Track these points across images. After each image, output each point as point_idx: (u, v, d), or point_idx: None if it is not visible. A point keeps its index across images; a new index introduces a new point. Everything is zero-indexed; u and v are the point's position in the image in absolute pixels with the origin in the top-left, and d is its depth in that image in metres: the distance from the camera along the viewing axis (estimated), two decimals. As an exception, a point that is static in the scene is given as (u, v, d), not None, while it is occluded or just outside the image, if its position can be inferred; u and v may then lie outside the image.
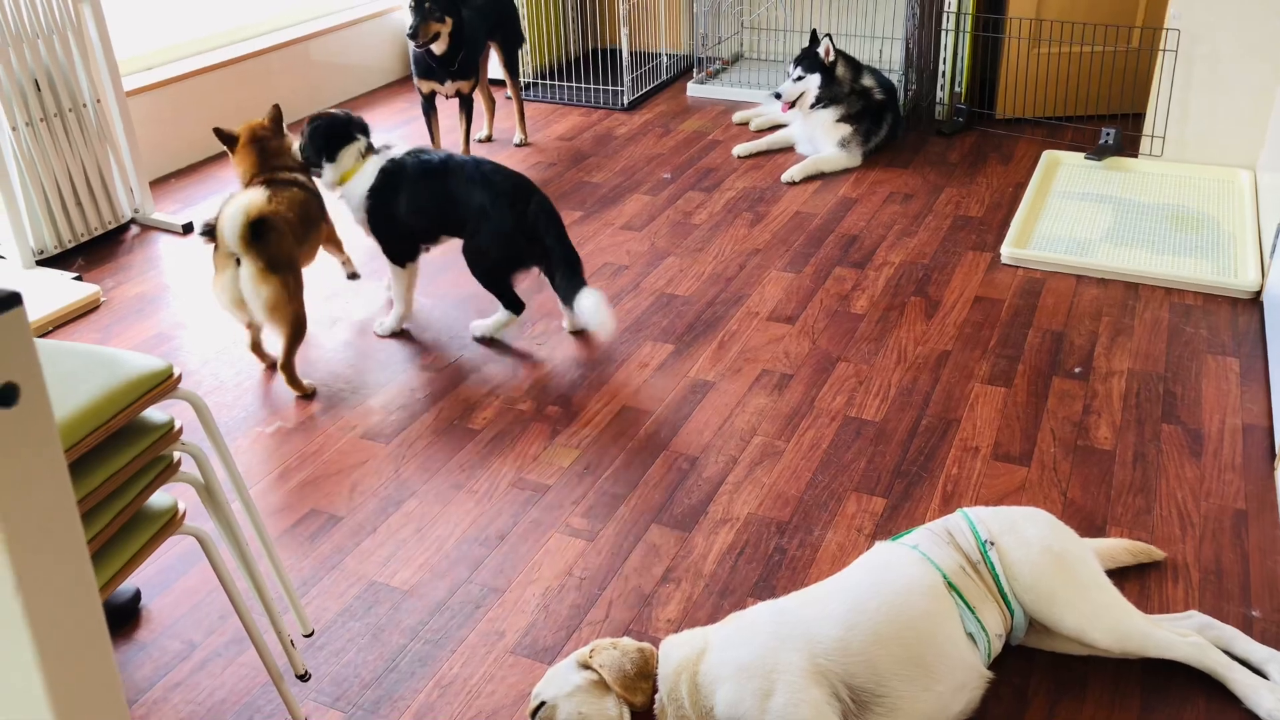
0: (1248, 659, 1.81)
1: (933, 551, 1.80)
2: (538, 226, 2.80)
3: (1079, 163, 3.89)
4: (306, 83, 4.71)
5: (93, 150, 3.46)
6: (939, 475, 2.35)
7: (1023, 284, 3.15)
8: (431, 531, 2.24)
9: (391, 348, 2.92)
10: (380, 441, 2.54)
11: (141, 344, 2.97)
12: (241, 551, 1.69)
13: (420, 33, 3.63)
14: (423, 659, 1.92)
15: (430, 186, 2.87)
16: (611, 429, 2.56)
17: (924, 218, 3.60)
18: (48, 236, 3.40)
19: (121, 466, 1.43)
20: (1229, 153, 3.73)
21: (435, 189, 2.86)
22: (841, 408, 2.60)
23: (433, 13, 3.63)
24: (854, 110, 4.03)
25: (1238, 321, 2.90)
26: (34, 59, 3.23)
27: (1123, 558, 2.04)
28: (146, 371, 1.48)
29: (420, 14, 3.61)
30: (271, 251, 2.59)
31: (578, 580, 2.09)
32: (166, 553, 2.19)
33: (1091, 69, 4.24)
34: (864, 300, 3.09)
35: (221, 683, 1.88)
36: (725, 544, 2.17)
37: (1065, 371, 2.71)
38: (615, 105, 4.75)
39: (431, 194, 2.86)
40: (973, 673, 1.70)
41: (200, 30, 4.40)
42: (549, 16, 5.12)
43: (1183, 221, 3.44)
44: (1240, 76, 3.62)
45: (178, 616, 2.03)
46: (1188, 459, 2.36)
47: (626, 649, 1.69)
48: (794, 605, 1.74)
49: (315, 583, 2.11)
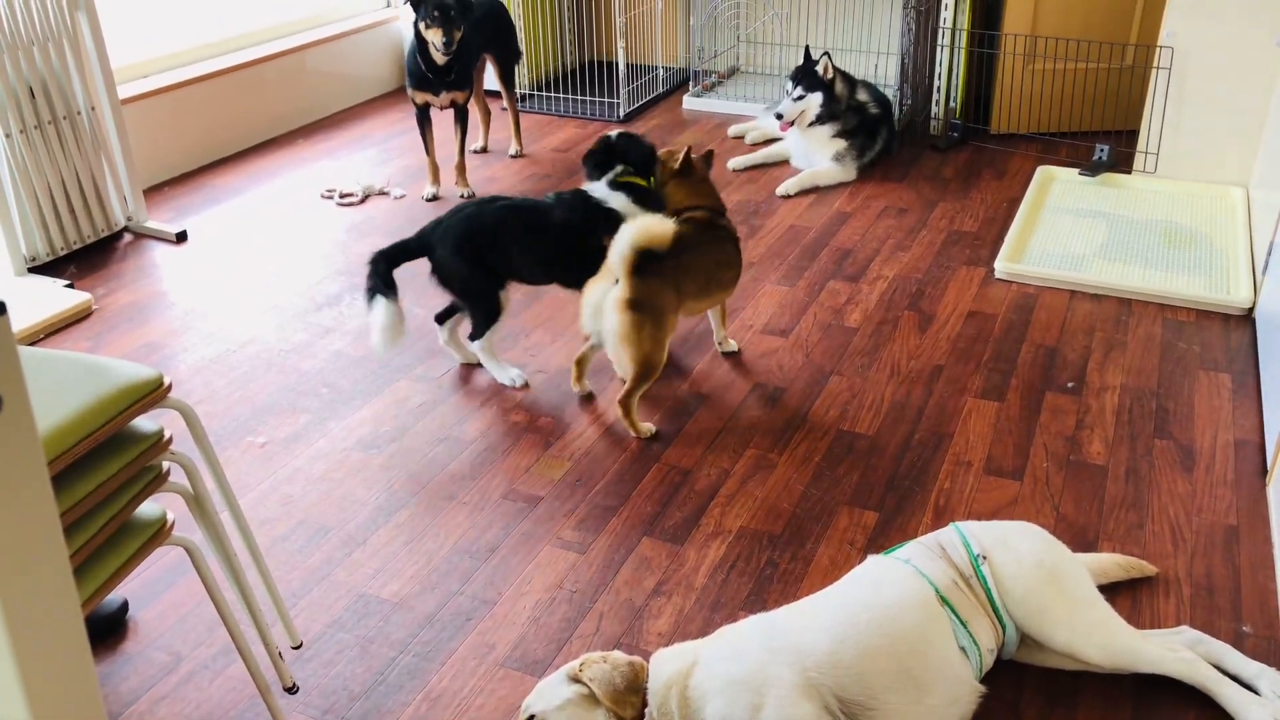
0: (1239, 674, 1.81)
1: (925, 565, 1.79)
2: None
3: (1073, 178, 3.90)
4: (301, 93, 4.71)
5: (86, 158, 3.46)
6: (931, 489, 2.34)
7: (1016, 299, 3.15)
8: (422, 543, 2.23)
9: (383, 358, 2.92)
10: (371, 452, 2.53)
11: (132, 353, 2.96)
12: (230, 562, 1.68)
13: (453, 40, 3.65)
14: (412, 671, 1.91)
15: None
16: (604, 441, 2.55)
17: (918, 232, 3.61)
18: (40, 244, 3.39)
19: (110, 476, 1.42)
20: (1222, 170, 3.75)
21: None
22: (834, 421, 2.60)
23: (457, 21, 3.64)
24: (849, 125, 4.04)
25: (1230, 338, 2.90)
26: (28, 66, 3.23)
27: (1114, 573, 2.04)
28: (136, 380, 1.47)
29: (448, 23, 3.62)
30: (644, 289, 2.45)
31: (569, 593, 2.08)
32: (154, 564, 2.18)
33: (1086, 86, 4.26)
34: (858, 314, 3.09)
35: (209, 695, 1.87)
36: (717, 557, 2.16)
37: (1058, 386, 2.71)
38: (611, 117, 4.76)
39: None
40: (964, 687, 1.70)
41: (196, 39, 4.40)
42: (546, 28, 5.13)
43: (1176, 238, 3.45)
44: (1233, 94, 3.64)
45: (165, 628, 2.02)
46: (1180, 474, 2.36)
47: (617, 663, 1.69)
48: (785, 619, 1.74)
49: (304, 594, 2.10)
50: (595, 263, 2.58)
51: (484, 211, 2.69)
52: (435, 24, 3.62)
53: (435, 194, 3.96)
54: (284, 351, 2.97)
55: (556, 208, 2.71)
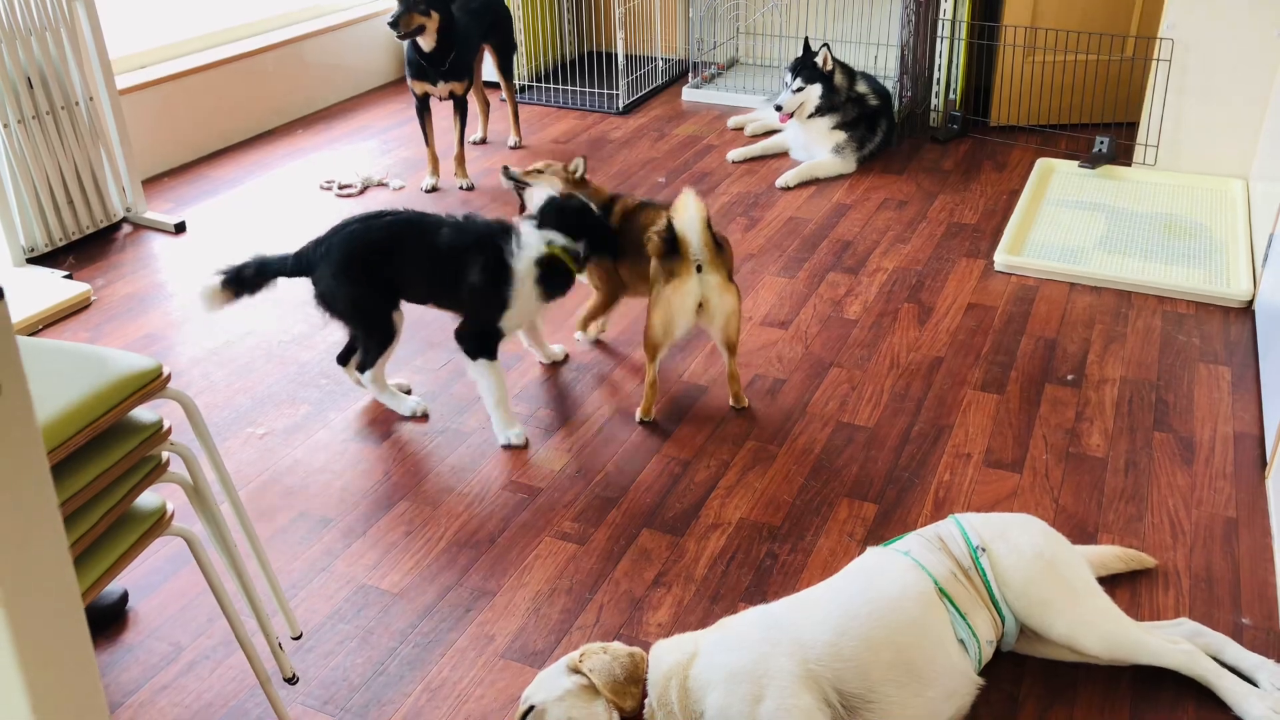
0: (1237, 666, 1.81)
1: (924, 557, 1.79)
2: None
3: (1073, 171, 3.90)
4: (300, 83, 4.70)
5: (85, 148, 3.45)
6: (931, 481, 2.35)
7: (1016, 291, 3.15)
8: (422, 534, 2.23)
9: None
10: (371, 443, 2.53)
11: (132, 343, 2.95)
12: (230, 553, 1.68)
13: (401, 23, 3.59)
14: (412, 662, 1.91)
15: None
16: (604, 432, 2.55)
17: (918, 224, 3.61)
18: (38, 234, 3.38)
19: (109, 466, 1.42)
20: (1222, 162, 3.74)
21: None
22: (834, 413, 2.60)
23: (416, 4, 3.60)
24: (849, 117, 4.03)
25: (1230, 330, 2.90)
26: (26, 56, 3.22)
27: (1114, 565, 2.04)
28: (135, 371, 1.46)
29: (403, 4, 3.58)
30: (727, 261, 2.51)
31: (568, 584, 2.08)
32: (154, 554, 2.18)
33: (1086, 77, 4.25)
34: (857, 306, 3.09)
35: (209, 685, 1.87)
36: (717, 549, 2.16)
37: (1058, 379, 2.71)
38: (610, 109, 4.75)
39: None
40: (964, 679, 1.70)
41: (194, 29, 4.39)
42: (545, 19, 5.12)
43: (1176, 230, 3.45)
44: (1234, 86, 3.63)
45: (165, 618, 2.02)
46: (1179, 467, 2.37)
47: (617, 653, 1.69)
48: (785, 610, 1.74)
49: (304, 585, 2.10)
50: (469, 294, 2.45)
51: (371, 227, 2.48)
52: (397, 2, 3.60)
53: (434, 185, 3.95)
54: (283, 343, 2.96)
55: (454, 227, 2.50)
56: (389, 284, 2.49)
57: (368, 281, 2.46)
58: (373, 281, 2.47)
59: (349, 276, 2.45)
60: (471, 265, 2.43)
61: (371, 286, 2.47)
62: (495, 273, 2.42)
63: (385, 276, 2.47)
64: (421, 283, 2.51)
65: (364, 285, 2.46)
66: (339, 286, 2.46)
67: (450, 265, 2.44)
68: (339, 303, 2.49)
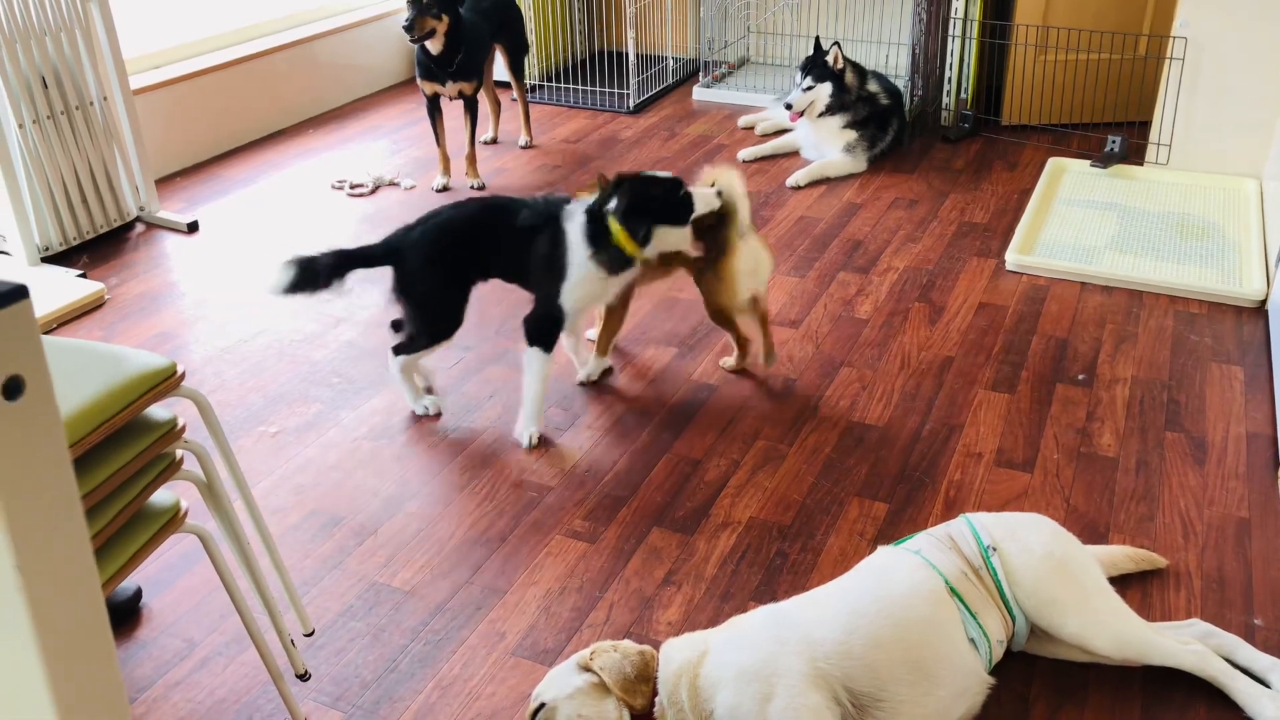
0: (1250, 668, 1.80)
1: (935, 557, 1.79)
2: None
3: (1085, 170, 3.89)
4: (312, 83, 4.71)
5: (99, 148, 3.47)
6: (941, 481, 2.34)
7: (1027, 290, 3.14)
8: (433, 532, 2.24)
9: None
10: (383, 442, 2.54)
11: (145, 342, 2.97)
12: (243, 550, 1.69)
13: (415, 26, 3.61)
14: (423, 660, 1.92)
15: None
16: (614, 431, 2.56)
17: (929, 223, 3.60)
18: (53, 233, 3.40)
19: (124, 464, 1.43)
20: (1235, 161, 3.73)
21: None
22: (844, 412, 2.60)
23: (429, 8, 3.61)
24: (860, 116, 4.02)
25: (1242, 330, 2.89)
26: (41, 56, 3.24)
27: (1125, 565, 2.04)
28: (149, 369, 1.48)
29: (416, 7, 3.59)
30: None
31: (579, 582, 2.09)
32: (168, 551, 2.19)
33: (1098, 76, 4.24)
34: (868, 305, 3.09)
35: (222, 681, 1.88)
36: (727, 547, 2.17)
37: (1069, 378, 2.70)
38: (621, 108, 4.76)
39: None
40: (974, 678, 1.70)
41: (207, 29, 4.41)
42: (556, 19, 5.13)
43: (1188, 230, 3.44)
44: (1247, 85, 3.62)
45: (179, 615, 2.03)
46: (1191, 467, 2.36)
47: (627, 652, 1.69)
48: (795, 609, 1.74)
49: (316, 582, 2.11)
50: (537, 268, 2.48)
51: (459, 214, 2.52)
52: (408, 6, 3.61)
53: (445, 185, 3.96)
54: (295, 341, 2.98)
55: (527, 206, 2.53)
56: (471, 271, 2.53)
57: (452, 270, 2.50)
58: (456, 270, 2.51)
59: (437, 264, 2.47)
60: (538, 240, 2.46)
61: (454, 275, 2.51)
62: (555, 244, 2.44)
63: (469, 263, 2.52)
64: (501, 261, 2.54)
65: (448, 274, 2.50)
66: (424, 274, 2.48)
67: (523, 242, 2.48)
68: (417, 289, 2.49)
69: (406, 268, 2.48)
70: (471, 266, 2.53)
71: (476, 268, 2.54)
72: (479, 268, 2.54)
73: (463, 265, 2.51)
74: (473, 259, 2.52)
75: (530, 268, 2.49)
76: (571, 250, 2.42)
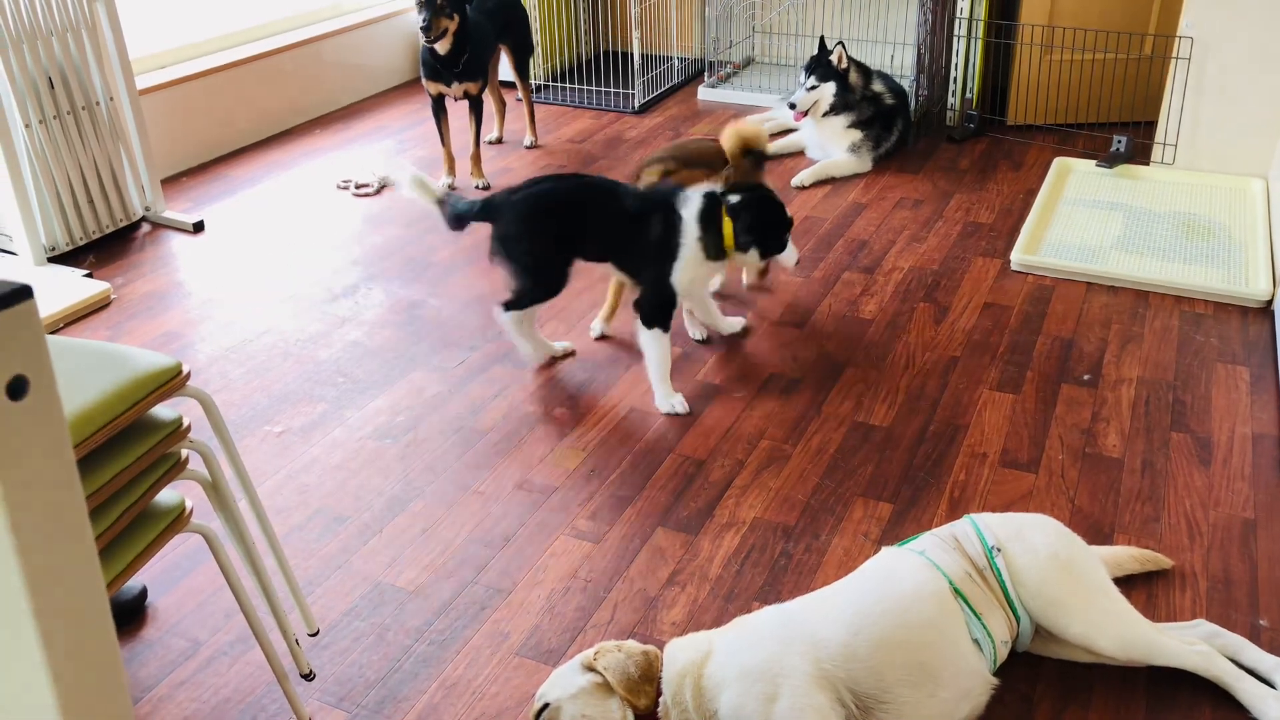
0: (1255, 668, 1.80)
1: (939, 558, 1.79)
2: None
3: (1090, 170, 3.88)
4: (318, 83, 4.72)
5: (105, 148, 3.48)
6: (946, 481, 2.34)
7: (1032, 291, 3.14)
8: (437, 532, 2.24)
9: (399, 348, 2.93)
10: (387, 442, 2.54)
11: (151, 342, 2.98)
12: (248, 550, 1.70)
13: (434, 26, 3.64)
14: (427, 660, 1.92)
15: None
16: (618, 431, 2.56)
17: (934, 223, 3.60)
18: (59, 233, 3.41)
19: (129, 463, 1.44)
20: (1241, 161, 3.72)
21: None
22: (849, 412, 2.60)
23: (442, 9, 3.63)
24: (865, 116, 4.02)
25: (1248, 330, 2.88)
26: (48, 56, 3.25)
27: (1130, 566, 2.04)
28: (155, 369, 1.48)
29: (431, 8, 3.61)
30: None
31: (583, 582, 2.09)
32: (173, 550, 2.19)
33: (1104, 76, 4.23)
34: (873, 305, 3.08)
35: (226, 681, 1.88)
36: (731, 548, 2.17)
37: (1074, 378, 2.70)
38: (626, 108, 4.76)
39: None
40: (978, 679, 1.70)
41: (213, 30, 4.42)
42: (561, 19, 5.13)
43: (1194, 230, 3.43)
44: (1253, 85, 3.61)
45: (183, 614, 2.04)
46: (1196, 467, 2.35)
47: (631, 652, 1.69)
48: (799, 610, 1.74)
49: (321, 582, 2.11)
50: (646, 251, 2.63)
51: (560, 187, 2.69)
52: (421, 9, 3.62)
53: (451, 184, 3.96)
54: (300, 341, 2.98)
55: (635, 193, 2.70)
56: (568, 240, 2.67)
57: (547, 234, 2.65)
58: (552, 234, 2.66)
59: (531, 227, 2.65)
60: (651, 224, 2.61)
61: (550, 238, 2.66)
62: (669, 227, 2.60)
63: (566, 232, 2.66)
64: (602, 242, 2.68)
65: (543, 237, 2.66)
66: (520, 234, 2.65)
67: (631, 226, 2.63)
68: (515, 249, 2.67)
69: (502, 228, 2.67)
70: (567, 239, 2.68)
71: (571, 242, 2.69)
72: (573, 242, 2.69)
73: (558, 236, 2.67)
74: (568, 233, 2.67)
75: (637, 250, 2.64)
76: (685, 233, 2.59)
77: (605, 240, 2.67)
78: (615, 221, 2.64)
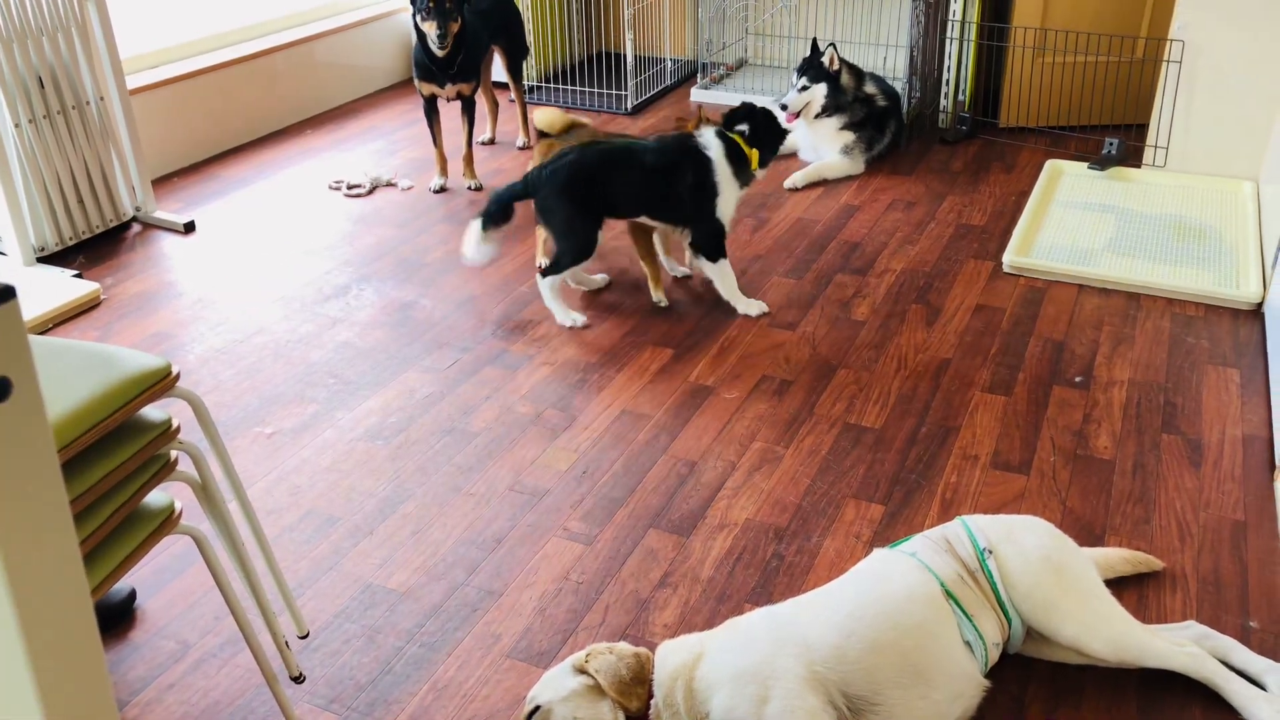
0: (1245, 670, 1.80)
1: (931, 559, 1.79)
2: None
3: (1082, 172, 3.89)
4: (310, 83, 4.71)
5: (95, 148, 3.46)
6: (938, 483, 2.34)
7: (1024, 293, 3.14)
8: (428, 534, 2.23)
9: (390, 349, 2.92)
10: (379, 443, 2.54)
11: (141, 342, 2.97)
12: (238, 552, 1.69)
13: (447, 34, 3.64)
14: (418, 662, 1.91)
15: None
16: (610, 433, 2.56)
17: (926, 225, 3.60)
18: (49, 233, 3.40)
19: (118, 464, 1.43)
20: (1232, 164, 3.73)
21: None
22: (841, 414, 2.60)
23: (450, 14, 3.63)
24: (857, 118, 4.02)
25: (1239, 333, 2.89)
26: (38, 56, 3.24)
27: (1121, 567, 2.04)
28: (144, 369, 1.47)
29: (441, 15, 3.61)
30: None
31: (575, 584, 2.09)
32: (162, 552, 2.18)
33: (1095, 79, 4.24)
34: (865, 307, 3.09)
35: (216, 684, 1.87)
36: (723, 549, 2.16)
37: (1066, 380, 2.70)
38: (619, 109, 4.76)
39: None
40: (969, 681, 1.70)
41: (205, 29, 4.40)
42: (554, 20, 5.13)
43: (1185, 232, 3.44)
44: (1244, 88, 3.62)
45: (173, 617, 2.03)
46: (1187, 469, 2.36)
47: (622, 654, 1.69)
48: (791, 611, 1.74)
49: (311, 584, 2.10)
50: (684, 197, 2.93)
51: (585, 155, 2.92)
52: (430, 17, 3.61)
53: (442, 185, 3.96)
54: (291, 342, 2.97)
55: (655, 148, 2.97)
56: (600, 202, 2.93)
57: (581, 200, 2.90)
58: (585, 200, 2.91)
59: (567, 195, 2.89)
60: (684, 172, 2.93)
61: (584, 205, 2.91)
62: (702, 169, 2.93)
63: (598, 195, 2.91)
64: (635, 198, 2.96)
65: (578, 204, 2.91)
66: (558, 203, 2.91)
67: (663, 178, 2.92)
68: (555, 216, 2.95)
69: (541, 198, 2.94)
70: (598, 202, 2.92)
71: (603, 203, 2.94)
72: (606, 204, 2.94)
73: (589, 200, 2.91)
74: (598, 196, 2.92)
75: (675, 199, 2.94)
76: (717, 170, 2.94)
77: (638, 197, 2.95)
78: (646, 178, 2.92)
